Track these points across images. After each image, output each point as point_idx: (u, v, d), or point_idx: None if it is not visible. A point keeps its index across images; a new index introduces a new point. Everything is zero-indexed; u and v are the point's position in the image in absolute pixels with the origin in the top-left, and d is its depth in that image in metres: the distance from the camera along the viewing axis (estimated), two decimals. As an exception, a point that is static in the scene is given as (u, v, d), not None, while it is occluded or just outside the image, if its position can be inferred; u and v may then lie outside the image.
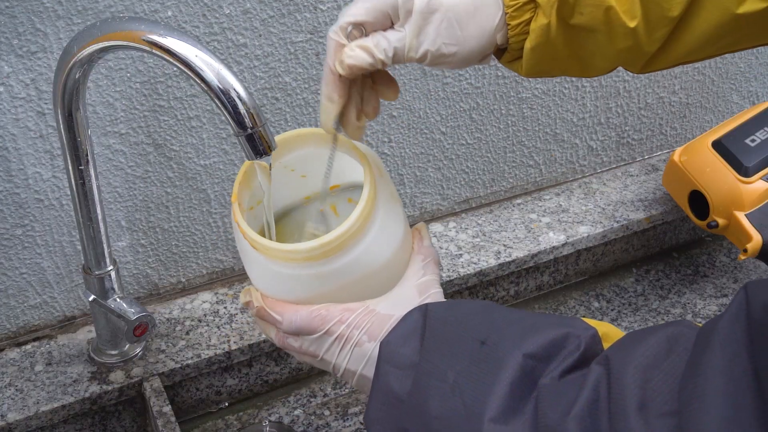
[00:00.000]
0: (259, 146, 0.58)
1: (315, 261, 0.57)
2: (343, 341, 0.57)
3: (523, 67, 0.63)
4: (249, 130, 0.58)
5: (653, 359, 0.43)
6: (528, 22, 0.60)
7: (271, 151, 0.59)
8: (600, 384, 0.44)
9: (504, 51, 0.63)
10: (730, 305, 0.40)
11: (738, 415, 0.37)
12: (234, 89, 0.58)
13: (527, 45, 0.60)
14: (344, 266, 0.57)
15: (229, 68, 0.59)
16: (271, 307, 0.59)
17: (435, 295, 0.60)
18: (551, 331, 0.49)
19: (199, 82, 0.59)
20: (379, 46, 0.57)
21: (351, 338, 0.57)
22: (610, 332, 0.51)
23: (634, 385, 0.42)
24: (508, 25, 0.60)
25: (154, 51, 0.60)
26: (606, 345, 0.49)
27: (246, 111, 0.58)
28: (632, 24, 0.58)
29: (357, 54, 0.57)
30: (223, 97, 0.58)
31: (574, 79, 1.06)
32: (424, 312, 0.55)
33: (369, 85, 0.62)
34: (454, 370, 0.50)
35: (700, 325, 0.45)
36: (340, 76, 0.58)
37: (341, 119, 0.61)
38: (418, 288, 0.60)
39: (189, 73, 0.59)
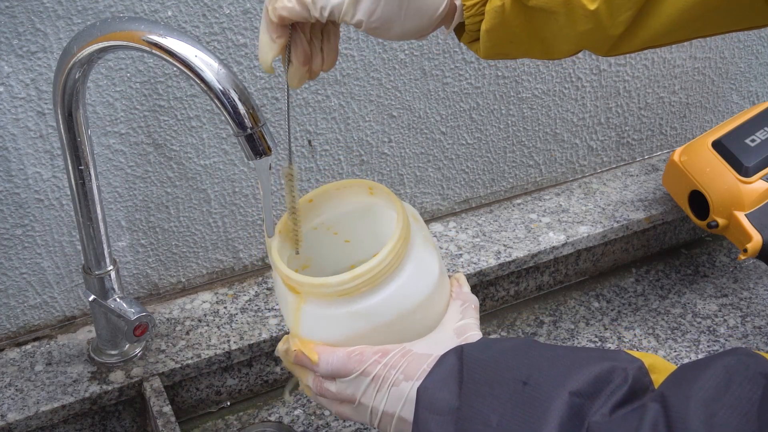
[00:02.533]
0: (258, 146, 0.58)
1: (349, 297, 0.56)
2: (380, 381, 0.55)
3: (481, 49, 0.61)
4: (249, 131, 0.58)
5: (714, 393, 0.41)
6: (483, 4, 0.59)
7: (270, 151, 0.59)
8: (658, 423, 0.42)
9: (464, 31, 0.62)
10: None
11: None
12: (234, 89, 0.58)
13: (483, 27, 0.59)
14: (378, 304, 0.57)
15: (229, 68, 0.59)
16: (308, 349, 0.58)
17: (473, 337, 0.59)
18: (595, 366, 0.47)
19: (198, 82, 0.59)
20: (316, 3, 0.56)
21: (387, 378, 0.55)
22: (656, 363, 0.49)
23: (698, 422, 0.40)
24: (464, 5, 0.59)
25: (153, 51, 0.60)
26: (653, 376, 0.48)
27: (246, 111, 0.58)
28: (593, 6, 0.56)
29: (291, 6, 0.56)
30: (223, 97, 0.58)
31: (574, 78, 1.06)
32: (459, 354, 0.53)
33: (318, 34, 0.61)
34: (498, 413, 0.48)
35: (759, 352, 0.43)
36: None
37: (287, 59, 0.60)
38: (456, 331, 0.59)
39: (189, 73, 0.59)
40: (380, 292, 0.57)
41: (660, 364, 0.49)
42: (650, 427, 0.42)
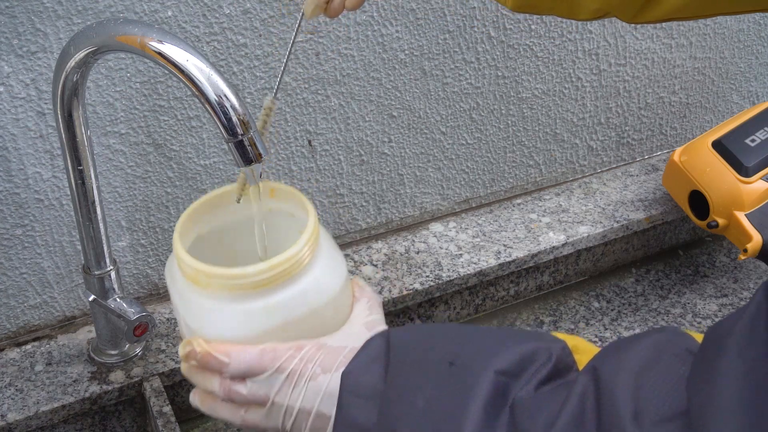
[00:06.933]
0: (249, 153, 0.58)
1: (264, 288, 0.54)
2: (296, 377, 0.53)
3: (510, 0, 0.61)
4: (239, 137, 0.57)
5: (642, 367, 0.42)
6: None
7: (261, 158, 0.58)
8: (586, 395, 0.43)
9: None
10: (746, 307, 0.38)
11: (762, 422, 0.34)
12: (225, 95, 0.57)
13: None
14: (292, 298, 0.55)
15: (221, 74, 0.58)
16: (217, 349, 0.54)
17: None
18: (520, 346, 0.48)
19: (190, 86, 0.58)
20: None
21: (304, 373, 0.53)
22: (579, 345, 0.50)
23: (626, 392, 0.41)
24: None
25: (146, 54, 0.59)
26: (577, 357, 0.49)
27: (237, 118, 0.57)
28: None
29: None
30: (215, 103, 0.57)
31: (574, 78, 1.06)
32: (386, 337, 0.52)
33: None
34: (424, 394, 0.47)
35: (688, 331, 0.44)
36: None
37: None
38: (366, 326, 0.58)
39: (180, 76, 0.58)
40: (296, 284, 0.55)
41: (583, 346, 0.50)
42: (579, 398, 0.43)
